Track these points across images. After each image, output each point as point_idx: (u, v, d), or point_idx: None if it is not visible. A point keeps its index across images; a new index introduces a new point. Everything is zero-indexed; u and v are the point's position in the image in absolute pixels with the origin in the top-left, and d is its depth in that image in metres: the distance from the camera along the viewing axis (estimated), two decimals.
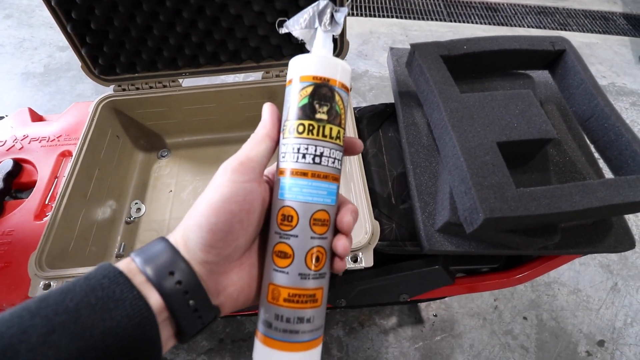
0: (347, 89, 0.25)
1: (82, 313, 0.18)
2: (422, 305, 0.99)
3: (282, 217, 0.24)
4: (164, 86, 0.60)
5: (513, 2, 1.82)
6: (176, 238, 0.23)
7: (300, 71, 0.24)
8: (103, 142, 0.58)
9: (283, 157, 0.24)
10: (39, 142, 0.61)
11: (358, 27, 1.69)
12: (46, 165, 0.58)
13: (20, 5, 1.74)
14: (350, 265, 0.42)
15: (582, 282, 1.04)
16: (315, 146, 0.23)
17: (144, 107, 0.62)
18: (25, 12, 1.76)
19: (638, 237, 1.13)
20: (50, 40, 1.55)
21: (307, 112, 0.24)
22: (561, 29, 1.68)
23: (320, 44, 0.25)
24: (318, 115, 0.23)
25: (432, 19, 1.72)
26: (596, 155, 0.50)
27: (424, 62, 0.49)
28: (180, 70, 0.59)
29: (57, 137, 0.61)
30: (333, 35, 0.25)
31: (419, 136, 0.53)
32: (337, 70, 0.24)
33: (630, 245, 0.45)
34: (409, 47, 0.52)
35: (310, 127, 0.23)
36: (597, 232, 0.45)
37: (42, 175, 0.57)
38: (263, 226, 0.26)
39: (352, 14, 1.75)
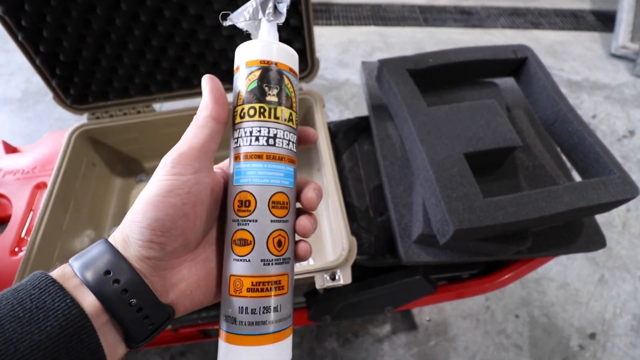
0: (295, 74, 0.25)
1: (6, 327, 0.17)
2: (415, 310, 0.99)
3: (240, 203, 0.23)
4: (138, 112, 0.60)
5: (486, 4, 1.87)
6: (115, 237, 0.22)
7: (247, 57, 0.24)
8: (78, 171, 0.58)
9: (236, 142, 0.24)
10: (14, 175, 0.61)
11: (337, 36, 1.71)
12: (21, 198, 0.57)
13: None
14: (328, 283, 0.42)
15: (570, 276, 1.06)
16: (268, 128, 0.23)
17: (119, 133, 0.61)
18: (1, 37, 1.74)
19: (621, 227, 1.16)
20: (27, 65, 1.52)
21: (257, 94, 0.23)
22: (534, 28, 1.72)
23: (266, 33, 0.25)
24: (268, 98, 0.23)
25: (409, 25, 1.76)
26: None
27: (392, 77, 0.50)
28: (153, 96, 0.59)
29: (32, 169, 0.61)
30: (280, 27, 0.25)
31: (393, 149, 0.54)
32: (283, 54, 0.24)
33: (602, 244, 0.46)
34: (387, 55, 0.53)
35: (262, 110, 0.23)
36: (568, 234, 0.46)
37: (17, 209, 0.56)
38: (218, 219, 0.25)
39: (331, 24, 1.77)
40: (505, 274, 0.55)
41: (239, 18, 0.25)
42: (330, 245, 0.55)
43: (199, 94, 0.60)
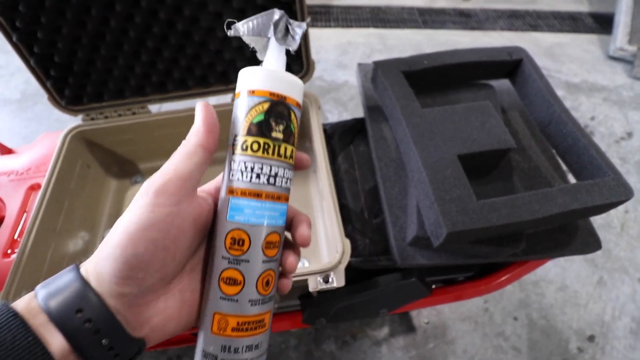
0: (300, 107, 0.24)
1: None
2: (413, 312, 0.99)
3: (232, 241, 0.22)
4: (133, 113, 0.60)
5: (485, 7, 1.87)
6: (87, 268, 0.20)
7: (255, 84, 0.22)
8: (72, 173, 0.58)
9: (233, 175, 0.22)
10: (8, 176, 0.60)
11: (336, 38, 1.72)
12: (14, 199, 0.57)
13: None
14: (322, 286, 0.42)
15: (568, 278, 1.05)
16: (271, 166, 0.22)
17: (114, 135, 0.61)
18: (1, 38, 1.75)
19: (620, 228, 1.16)
20: None
21: (263, 129, 0.22)
22: (532, 30, 1.73)
23: (274, 57, 0.23)
24: (274, 134, 0.22)
25: (408, 27, 1.76)
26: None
27: (387, 79, 0.50)
28: (148, 97, 0.59)
29: (26, 170, 0.61)
30: (288, 50, 0.24)
31: (388, 150, 0.53)
32: (294, 88, 0.23)
33: (597, 246, 0.46)
34: (386, 57, 0.53)
35: (266, 146, 0.22)
36: (563, 236, 0.46)
37: (11, 210, 0.56)
38: (198, 247, 0.24)
39: (330, 26, 1.78)
40: (501, 276, 0.55)
41: (246, 30, 0.23)
42: (325, 247, 0.54)
43: (194, 95, 0.60)
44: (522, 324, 0.96)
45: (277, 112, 0.22)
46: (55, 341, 0.18)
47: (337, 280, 0.42)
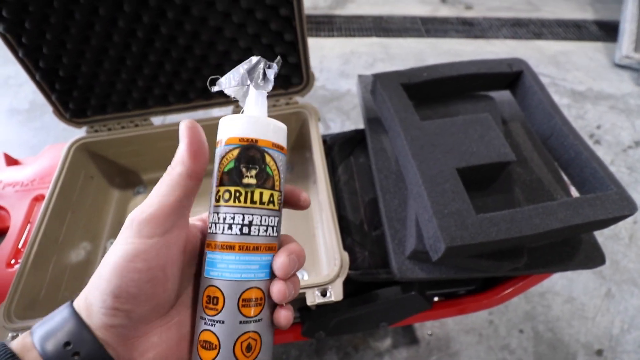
0: (281, 149, 0.23)
1: None
2: (417, 323, 0.97)
3: (207, 299, 0.21)
4: (136, 125, 0.61)
5: (488, 15, 1.87)
6: (79, 301, 0.20)
7: (227, 132, 0.22)
8: (76, 184, 0.59)
9: (210, 227, 0.22)
10: (13, 187, 0.61)
11: (339, 47, 1.73)
12: (19, 210, 0.58)
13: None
14: (319, 299, 0.41)
15: (575, 290, 1.03)
16: (243, 214, 0.21)
17: (117, 146, 0.62)
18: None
19: (628, 239, 1.13)
20: None
21: (234, 177, 0.21)
22: (536, 39, 1.72)
23: (252, 102, 0.23)
24: (245, 180, 0.21)
25: (411, 36, 1.77)
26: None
27: (385, 92, 0.50)
28: (150, 110, 0.60)
29: (31, 182, 0.62)
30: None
31: (387, 162, 0.53)
32: (268, 130, 0.22)
33: (601, 261, 0.45)
34: (389, 66, 0.54)
35: (237, 194, 0.21)
36: (566, 250, 0.45)
37: (15, 221, 0.57)
38: (195, 277, 0.23)
39: (333, 35, 1.79)
40: (504, 290, 0.54)
41: (228, 84, 0.23)
42: (324, 259, 0.54)
43: (196, 107, 0.61)
44: (528, 337, 0.94)
45: (247, 157, 0.21)
46: None
47: (335, 294, 0.41)
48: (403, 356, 0.93)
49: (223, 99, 0.61)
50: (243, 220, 0.21)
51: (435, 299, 0.56)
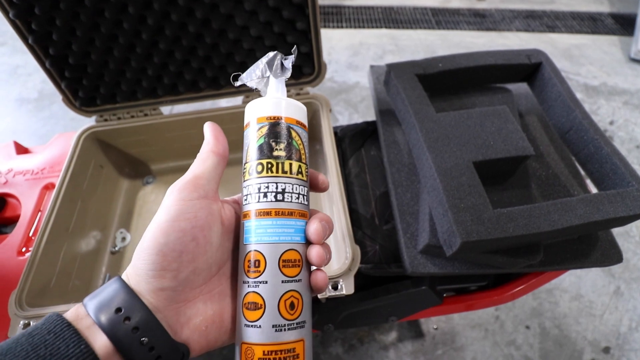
0: (304, 126, 0.25)
1: None
2: (422, 318, 0.97)
3: (249, 264, 0.22)
4: (145, 115, 0.60)
5: (500, 7, 1.83)
6: (128, 273, 0.22)
7: (256, 113, 0.25)
8: (86, 173, 0.58)
9: (245, 199, 0.24)
10: (23, 175, 0.62)
11: (348, 39, 1.70)
12: (30, 198, 0.58)
13: (14, 33, 1.77)
14: (330, 292, 0.41)
15: (584, 287, 1.02)
16: (276, 183, 0.23)
17: (126, 136, 0.62)
18: (20, 39, 1.80)
19: (639, 237, 1.12)
20: None
21: (265, 150, 0.23)
22: (550, 31, 1.68)
23: (274, 89, 0.26)
24: (275, 153, 0.23)
25: (420, 28, 1.74)
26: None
27: (400, 82, 0.49)
28: (160, 99, 0.59)
29: (41, 170, 0.62)
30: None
31: (400, 155, 0.52)
32: (291, 108, 0.25)
33: (618, 259, 0.44)
34: (398, 58, 0.52)
35: (269, 165, 0.23)
36: (583, 247, 0.44)
37: (26, 209, 0.57)
38: (233, 252, 0.25)
39: (342, 26, 1.77)
40: (516, 287, 0.53)
41: (250, 77, 0.26)
42: (335, 253, 0.54)
43: (205, 97, 0.60)
44: (534, 333, 0.94)
45: (275, 132, 0.24)
46: (100, 342, 0.19)
47: (346, 288, 0.41)
48: (408, 350, 0.93)
49: (233, 88, 0.60)
50: (277, 188, 0.23)
51: (445, 294, 0.56)
